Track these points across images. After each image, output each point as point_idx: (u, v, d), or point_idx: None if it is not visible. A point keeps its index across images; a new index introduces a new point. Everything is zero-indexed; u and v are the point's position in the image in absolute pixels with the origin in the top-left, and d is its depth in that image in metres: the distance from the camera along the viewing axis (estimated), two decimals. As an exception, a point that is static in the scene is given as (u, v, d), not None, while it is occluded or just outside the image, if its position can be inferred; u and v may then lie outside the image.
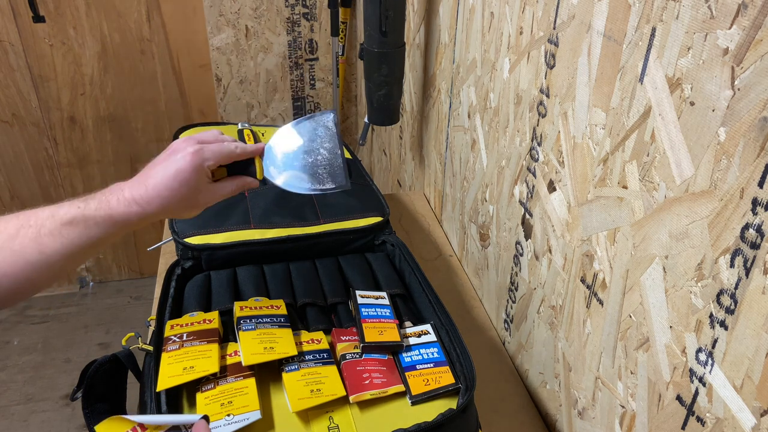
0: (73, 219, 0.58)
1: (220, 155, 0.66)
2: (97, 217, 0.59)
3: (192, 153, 0.63)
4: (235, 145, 0.69)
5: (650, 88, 0.54)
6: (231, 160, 0.68)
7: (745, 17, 0.42)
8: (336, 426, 0.61)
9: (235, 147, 0.68)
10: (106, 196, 0.61)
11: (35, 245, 0.56)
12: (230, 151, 0.68)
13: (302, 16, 2.04)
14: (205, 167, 0.65)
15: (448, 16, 1.09)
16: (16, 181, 2.10)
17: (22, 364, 2.02)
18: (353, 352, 0.69)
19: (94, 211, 0.59)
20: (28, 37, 1.88)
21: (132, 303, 2.29)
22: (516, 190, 0.86)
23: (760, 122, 0.42)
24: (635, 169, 0.57)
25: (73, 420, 1.83)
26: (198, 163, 0.64)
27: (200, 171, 0.64)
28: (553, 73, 0.72)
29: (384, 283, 0.82)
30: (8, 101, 1.96)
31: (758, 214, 0.43)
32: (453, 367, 0.69)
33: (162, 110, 2.11)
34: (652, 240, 0.56)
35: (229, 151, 0.67)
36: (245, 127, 1.09)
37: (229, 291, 0.78)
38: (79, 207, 0.59)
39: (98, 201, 0.60)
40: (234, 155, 0.68)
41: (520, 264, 0.88)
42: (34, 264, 0.55)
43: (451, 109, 1.12)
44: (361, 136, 1.44)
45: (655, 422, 0.58)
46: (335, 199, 0.94)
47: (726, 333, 0.47)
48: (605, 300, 0.65)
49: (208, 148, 0.65)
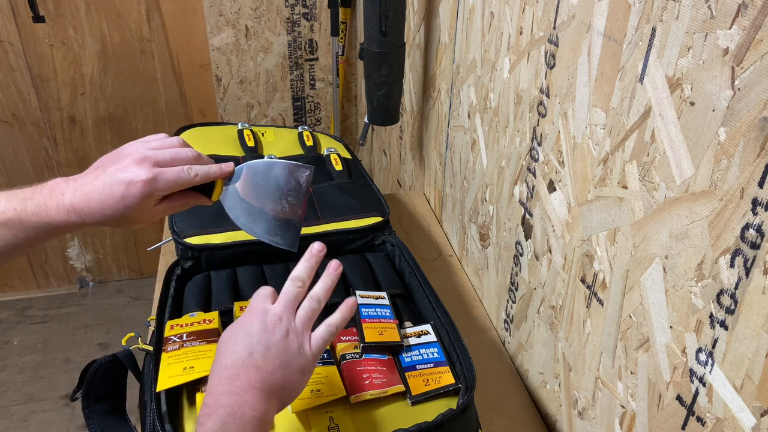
0: (8, 221, 0.56)
1: (176, 185, 0.60)
2: (33, 221, 0.56)
3: (144, 182, 0.57)
4: (195, 173, 0.61)
5: (650, 88, 0.54)
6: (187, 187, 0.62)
7: (745, 17, 0.42)
8: (336, 426, 0.61)
9: (194, 176, 0.61)
10: (45, 199, 0.57)
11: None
12: (187, 181, 0.61)
13: (302, 16, 2.04)
14: (155, 196, 0.59)
15: (448, 16, 1.09)
16: (16, 181, 2.10)
17: (22, 364, 2.02)
18: (353, 352, 0.69)
19: (31, 216, 0.56)
20: (28, 37, 1.88)
21: (132, 303, 2.29)
22: (516, 190, 0.86)
23: (760, 122, 0.42)
24: (635, 169, 0.57)
25: (73, 420, 1.83)
26: (148, 193, 0.58)
27: (149, 198, 0.58)
28: (553, 73, 0.72)
29: (384, 283, 0.82)
30: (8, 101, 1.96)
31: (758, 214, 0.43)
32: (453, 367, 0.69)
33: (162, 110, 2.11)
34: (652, 240, 0.56)
35: (186, 181, 0.60)
36: (245, 127, 1.09)
37: (229, 291, 0.78)
38: (16, 209, 0.56)
39: (36, 204, 0.57)
40: (191, 184, 0.61)
41: (520, 264, 0.88)
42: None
43: (451, 109, 1.12)
44: (361, 136, 1.44)
45: (655, 422, 0.58)
46: (335, 199, 0.94)
47: (726, 333, 0.47)
48: (605, 300, 0.65)
49: (163, 176, 0.59)
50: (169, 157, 0.61)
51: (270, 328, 0.54)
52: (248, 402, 0.50)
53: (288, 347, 0.54)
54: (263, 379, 0.52)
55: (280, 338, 0.54)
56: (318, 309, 0.58)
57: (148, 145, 0.62)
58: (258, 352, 0.53)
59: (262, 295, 0.58)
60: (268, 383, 0.52)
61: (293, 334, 0.55)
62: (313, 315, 0.57)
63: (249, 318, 0.55)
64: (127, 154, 0.60)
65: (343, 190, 0.97)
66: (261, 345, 0.53)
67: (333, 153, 1.06)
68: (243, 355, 0.52)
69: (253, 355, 0.53)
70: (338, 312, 0.59)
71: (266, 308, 0.56)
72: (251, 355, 0.53)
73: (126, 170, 0.58)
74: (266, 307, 0.56)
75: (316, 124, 2.29)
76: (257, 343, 0.53)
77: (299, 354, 0.55)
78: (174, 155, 0.61)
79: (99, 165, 0.61)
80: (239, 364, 0.52)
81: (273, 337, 0.54)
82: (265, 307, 0.56)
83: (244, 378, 0.51)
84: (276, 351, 0.53)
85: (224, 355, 0.53)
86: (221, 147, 1.04)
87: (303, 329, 0.56)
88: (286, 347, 0.54)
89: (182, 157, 0.62)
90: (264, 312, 0.55)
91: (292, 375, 0.54)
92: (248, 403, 0.50)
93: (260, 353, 0.53)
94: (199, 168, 0.62)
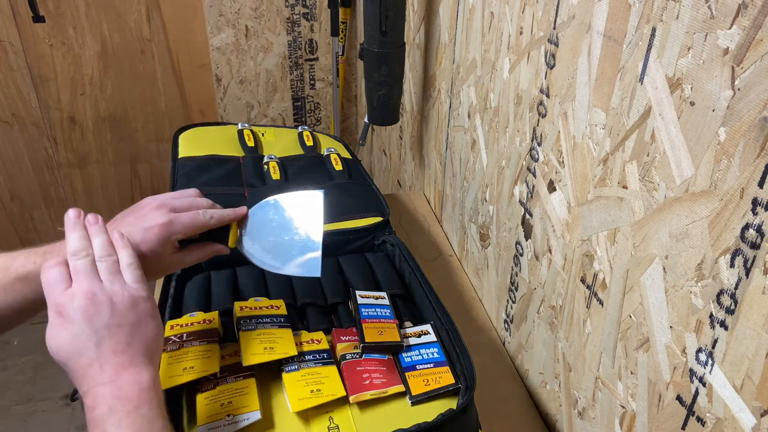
0: (28, 274, 0.55)
1: (191, 228, 0.62)
2: None
3: (161, 225, 0.59)
4: (210, 215, 0.64)
5: (650, 88, 0.54)
6: (203, 230, 0.64)
7: (745, 17, 0.42)
8: (336, 426, 0.61)
9: (209, 218, 0.63)
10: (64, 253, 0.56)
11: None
12: (203, 224, 0.63)
13: (302, 16, 2.04)
14: (173, 240, 0.61)
15: (448, 16, 1.09)
16: (16, 181, 2.10)
17: (22, 364, 2.02)
18: (353, 352, 0.69)
19: None
20: (28, 37, 1.88)
21: (132, 303, 2.29)
22: (516, 190, 0.86)
23: (760, 122, 0.42)
24: (635, 169, 0.57)
25: (73, 420, 1.83)
26: (165, 237, 0.60)
27: (167, 244, 0.60)
28: (553, 73, 0.72)
29: (384, 283, 0.82)
30: (8, 101, 1.96)
31: (758, 214, 0.43)
32: (453, 367, 0.69)
33: (162, 110, 2.11)
34: (652, 240, 0.56)
35: (201, 224, 0.63)
36: (245, 127, 1.09)
37: (229, 291, 0.78)
38: (35, 263, 0.55)
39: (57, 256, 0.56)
40: (207, 227, 0.64)
41: (520, 264, 0.87)
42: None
43: (451, 109, 1.12)
44: (361, 136, 1.44)
45: (655, 422, 0.58)
46: (335, 199, 0.94)
47: (726, 333, 0.47)
48: (605, 300, 0.65)
49: (179, 220, 0.61)
50: (185, 204, 0.63)
51: (93, 311, 0.51)
52: (124, 380, 0.49)
53: (121, 311, 0.52)
54: (126, 352, 0.51)
55: (110, 310, 0.52)
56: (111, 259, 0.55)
57: (165, 195, 0.64)
58: (102, 337, 0.50)
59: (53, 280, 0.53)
60: (129, 353, 0.51)
61: (116, 296, 0.52)
62: (112, 264, 0.55)
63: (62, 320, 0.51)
64: (144, 205, 0.62)
65: (343, 190, 0.97)
66: (100, 331, 0.51)
67: (333, 153, 1.06)
68: (92, 351, 0.50)
69: (100, 343, 0.50)
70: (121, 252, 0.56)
71: (70, 297, 0.52)
72: (98, 345, 0.50)
73: (144, 217, 0.60)
74: (69, 296, 0.52)
75: (316, 124, 2.29)
76: (94, 332, 0.50)
77: (132, 305, 0.53)
78: (190, 203, 0.64)
79: (116, 218, 0.62)
80: (95, 360, 0.50)
81: (102, 317, 0.51)
82: (66, 297, 0.52)
83: (104, 365, 0.50)
84: (116, 323, 0.51)
85: (71, 360, 0.50)
86: (221, 147, 1.03)
87: (114, 281, 0.54)
88: (120, 313, 0.52)
89: (198, 204, 0.65)
90: (70, 303, 0.51)
91: (146, 325, 0.53)
92: (124, 380, 0.49)
93: (105, 336, 0.51)
94: (214, 211, 0.65)
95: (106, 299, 0.52)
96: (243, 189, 0.94)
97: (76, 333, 0.50)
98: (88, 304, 0.51)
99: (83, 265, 0.53)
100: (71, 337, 0.50)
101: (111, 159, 2.15)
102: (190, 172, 0.96)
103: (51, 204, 2.18)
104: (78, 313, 0.51)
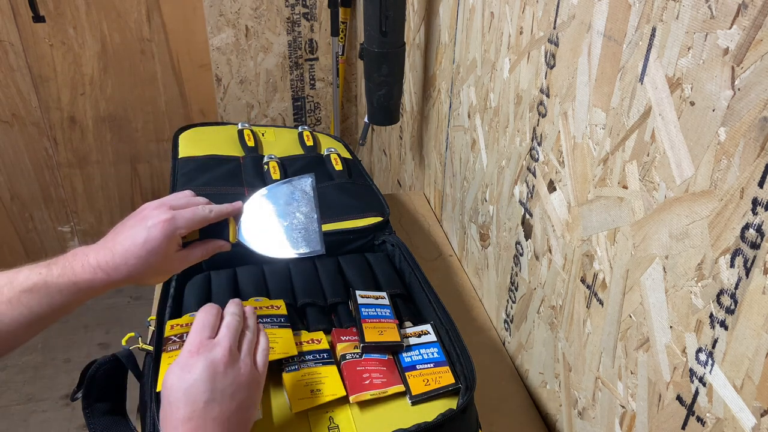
0: (33, 286, 0.55)
1: (193, 222, 0.64)
2: (59, 284, 0.56)
3: (164, 221, 0.61)
4: (209, 209, 0.66)
5: (650, 88, 0.54)
6: (204, 225, 0.66)
7: (745, 17, 0.42)
8: (336, 426, 0.61)
9: (209, 211, 0.65)
10: (69, 261, 0.58)
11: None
12: (204, 217, 0.65)
13: (302, 16, 2.04)
14: (177, 235, 0.62)
15: (448, 16, 1.09)
16: (16, 181, 2.10)
17: (22, 364, 2.02)
18: (353, 352, 0.69)
19: (57, 278, 0.56)
20: (28, 37, 1.88)
21: (132, 303, 2.29)
22: (516, 190, 0.86)
23: (760, 122, 0.42)
24: (635, 169, 0.57)
25: (73, 420, 1.83)
26: (170, 232, 0.61)
27: (171, 240, 0.61)
28: (553, 73, 0.72)
29: (384, 283, 0.82)
30: (8, 101, 1.96)
31: (758, 214, 0.43)
32: (453, 367, 0.69)
33: (162, 110, 2.11)
34: (652, 240, 0.56)
35: (202, 217, 0.65)
36: (245, 127, 1.09)
37: (229, 291, 0.78)
38: (41, 273, 0.56)
39: (61, 267, 0.57)
40: (208, 220, 0.65)
41: (520, 264, 0.88)
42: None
43: (451, 109, 1.12)
44: (361, 136, 1.44)
45: (655, 422, 0.58)
46: (335, 199, 0.94)
47: (726, 333, 0.47)
48: (605, 300, 0.65)
49: (180, 215, 0.62)
50: (184, 202, 0.66)
51: (222, 370, 0.53)
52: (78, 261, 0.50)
53: (241, 384, 0.53)
54: (223, 426, 0.51)
55: (233, 379, 0.53)
56: (253, 339, 0.59)
57: (163, 198, 0.66)
58: (214, 399, 0.51)
59: (200, 326, 0.56)
60: (225, 428, 0.51)
61: (243, 366, 0.55)
62: (252, 341, 0.59)
63: (195, 361, 0.53)
64: (144, 208, 0.64)
65: (343, 190, 0.97)
66: (216, 392, 0.52)
67: (333, 153, 1.06)
68: (199, 406, 0.51)
69: (210, 403, 0.51)
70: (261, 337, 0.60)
71: (211, 346, 0.54)
72: (207, 404, 0.51)
73: (146, 217, 0.61)
74: (210, 345, 0.54)
75: (316, 124, 2.29)
76: (211, 390, 0.51)
77: (250, 384, 0.54)
78: (188, 201, 0.66)
79: (117, 226, 0.64)
80: (197, 417, 0.50)
81: (225, 380, 0.52)
82: (209, 344, 0.54)
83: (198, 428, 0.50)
84: (231, 393, 0.52)
85: (175, 407, 0.51)
86: (221, 147, 1.04)
87: (248, 355, 0.56)
88: (239, 385, 0.53)
89: (196, 201, 0.67)
90: (209, 350, 0.54)
91: (249, 409, 0.54)
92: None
93: (217, 401, 0.51)
94: (214, 206, 0.67)
95: (235, 365, 0.54)
96: (243, 189, 0.94)
97: (194, 382, 0.51)
98: (221, 361, 0.53)
99: (234, 326, 0.57)
100: (188, 385, 0.51)
101: (111, 159, 2.15)
102: (190, 172, 0.96)
103: (51, 204, 2.18)
104: (208, 362, 0.52)
